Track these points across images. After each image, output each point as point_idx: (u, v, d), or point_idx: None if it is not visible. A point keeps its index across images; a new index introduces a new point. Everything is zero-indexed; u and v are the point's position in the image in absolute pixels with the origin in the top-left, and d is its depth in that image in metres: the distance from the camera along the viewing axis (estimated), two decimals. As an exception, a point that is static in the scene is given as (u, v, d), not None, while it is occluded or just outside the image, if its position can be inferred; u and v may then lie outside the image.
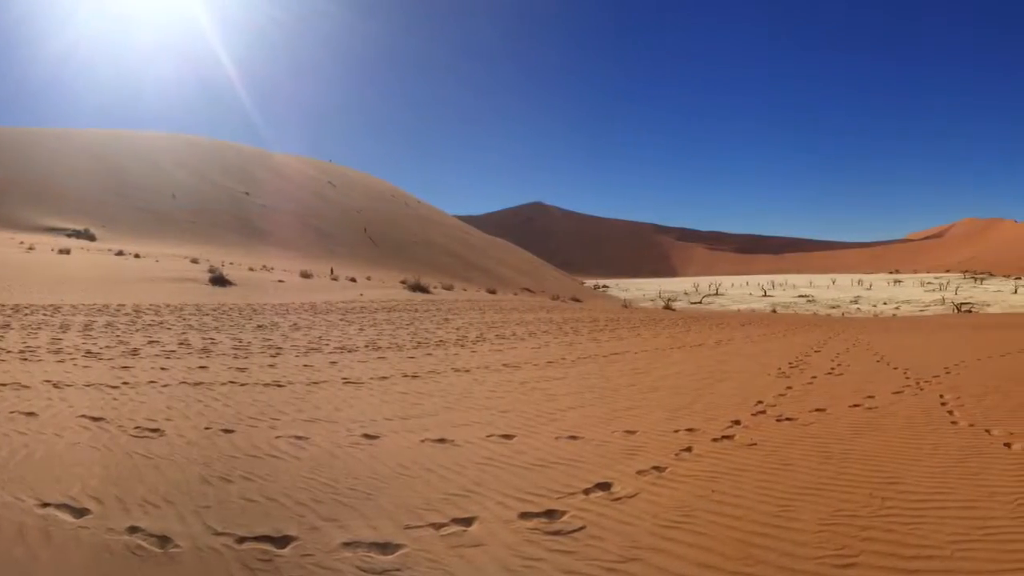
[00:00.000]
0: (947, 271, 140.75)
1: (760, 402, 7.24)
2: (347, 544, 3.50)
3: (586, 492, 4.28)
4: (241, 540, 3.52)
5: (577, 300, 42.48)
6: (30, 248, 31.16)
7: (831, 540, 3.54)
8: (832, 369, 9.97)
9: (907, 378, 8.86)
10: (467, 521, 3.81)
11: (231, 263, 33.94)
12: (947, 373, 9.25)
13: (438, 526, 3.73)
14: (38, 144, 67.04)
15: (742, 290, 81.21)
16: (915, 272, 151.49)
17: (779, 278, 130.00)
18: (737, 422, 6.26)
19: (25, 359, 8.64)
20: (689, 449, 5.31)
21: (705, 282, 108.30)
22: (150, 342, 10.73)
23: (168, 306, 16.37)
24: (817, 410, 6.78)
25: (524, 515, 3.90)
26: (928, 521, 3.77)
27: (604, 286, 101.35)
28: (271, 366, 9.17)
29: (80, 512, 3.79)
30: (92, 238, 43.61)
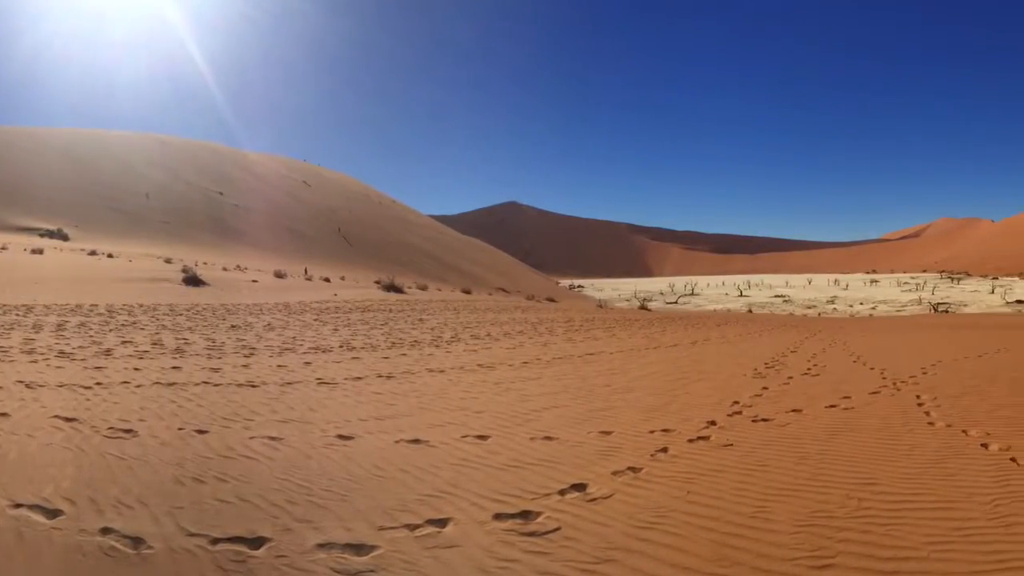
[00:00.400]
0: (924, 271, 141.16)
1: (736, 403, 7.25)
2: (321, 545, 3.50)
3: (561, 493, 4.28)
4: (215, 541, 3.51)
5: (552, 300, 42.63)
6: (2, 248, 30.74)
7: (807, 541, 3.54)
8: (808, 369, 10.00)
9: (884, 378, 8.88)
10: (442, 522, 3.80)
11: (205, 263, 33.71)
12: (924, 373, 9.28)
13: (412, 527, 3.73)
14: (10, 143, 66.17)
15: (718, 290, 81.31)
16: (892, 272, 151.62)
17: (755, 278, 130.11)
18: (713, 423, 6.26)
19: (-3, 359, 8.55)
20: (665, 450, 5.31)
21: (681, 282, 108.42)
22: (123, 342, 10.67)
23: (141, 306, 16.32)
24: (793, 411, 6.79)
25: (499, 516, 3.90)
26: (905, 522, 3.77)
27: (579, 286, 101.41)
28: (245, 366, 9.13)
29: (53, 513, 3.77)
30: (65, 238, 43.16)
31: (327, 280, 33.08)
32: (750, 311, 45.62)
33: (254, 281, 27.63)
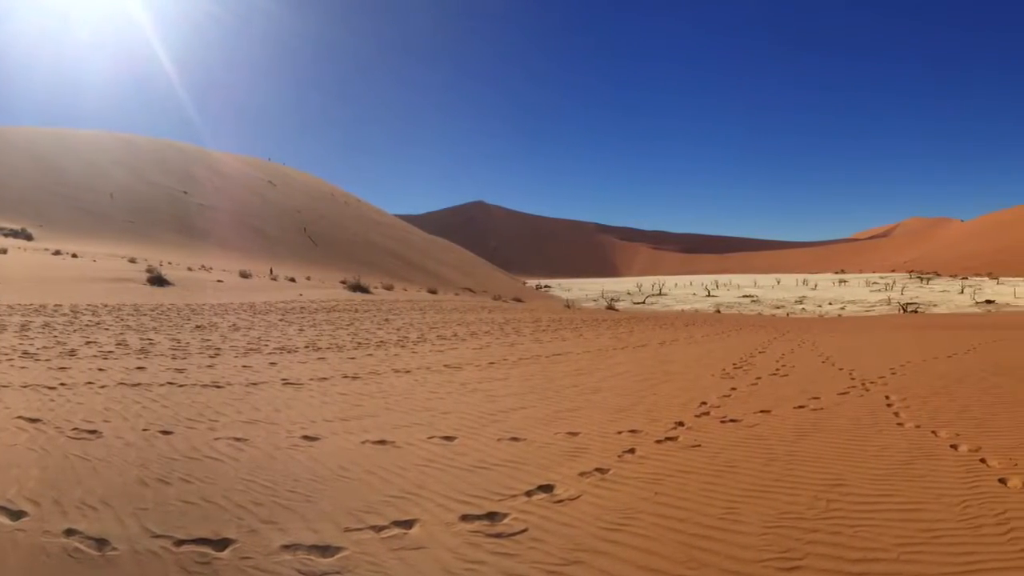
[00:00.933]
0: (893, 271, 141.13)
1: (704, 403, 7.25)
2: (286, 547, 3.48)
3: (528, 494, 4.28)
4: (179, 543, 3.50)
5: (519, 300, 42.55)
6: (-35, 248, 30.32)
7: (776, 543, 3.54)
8: (777, 370, 10.01)
9: (853, 379, 8.89)
10: (408, 523, 3.80)
11: (169, 263, 33.43)
12: (893, 374, 9.28)
13: (378, 528, 3.72)
14: (-26, 143, 65.25)
15: (686, 290, 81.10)
16: (861, 272, 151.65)
17: (723, 278, 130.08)
18: (681, 423, 6.26)
19: (-41, 361, 8.44)
20: (632, 451, 5.31)
21: (648, 282, 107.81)
22: (88, 343, 10.60)
23: (106, 306, 16.24)
24: (762, 411, 6.78)
25: (465, 517, 3.90)
26: (874, 524, 3.77)
27: (546, 286, 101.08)
28: (210, 367, 9.10)
29: (17, 514, 3.74)
30: (29, 237, 42.54)
31: (292, 280, 32.97)
32: (718, 311, 45.50)
33: (219, 281, 27.51)
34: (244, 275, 31.79)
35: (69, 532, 3.56)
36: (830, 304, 54.87)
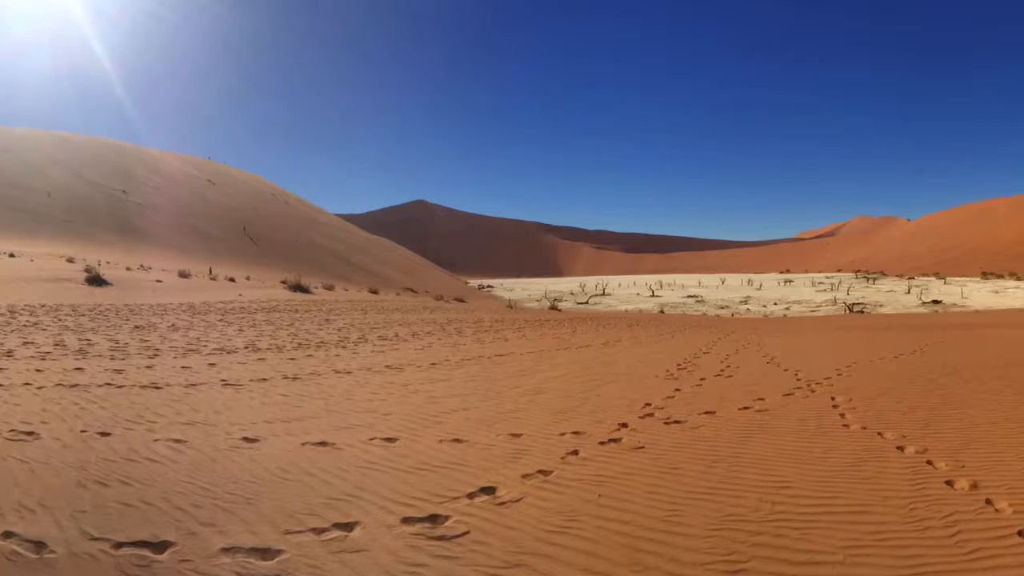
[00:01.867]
0: (839, 271, 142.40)
1: (648, 404, 7.28)
2: (226, 549, 3.47)
3: (470, 496, 4.29)
4: (118, 545, 3.47)
5: (461, 300, 42.58)
6: None
7: (720, 545, 3.56)
8: (722, 371, 10.09)
9: (798, 380, 8.94)
10: (349, 526, 3.80)
11: (108, 263, 32.81)
12: (839, 375, 9.35)
13: (319, 531, 3.72)
14: (-95, 141, 63.44)
15: (630, 290, 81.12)
16: (806, 272, 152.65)
17: (667, 278, 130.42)
18: (625, 425, 6.28)
19: None
20: (575, 452, 5.32)
21: (592, 282, 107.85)
22: (25, 343, 10.46)
23: (43, 306, 15.97)
24: (706, 412, 6.81)
25: (407, 520, 3.90)
26: (820, 526, 3.80)
27: (489, 286, 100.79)
28: (149, 368, 9.03)
29: (-49, 519, 3.67)
30: (-38, 237, 41.46)
31: (232, 280, 32.55)
32: (662, 311, 45.82)
33: (158, 281, 27.12)
34: (183, 275, 31.37)
35: (6, 535, 3.52)
36: (775, 304, 55.36)
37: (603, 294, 72.41)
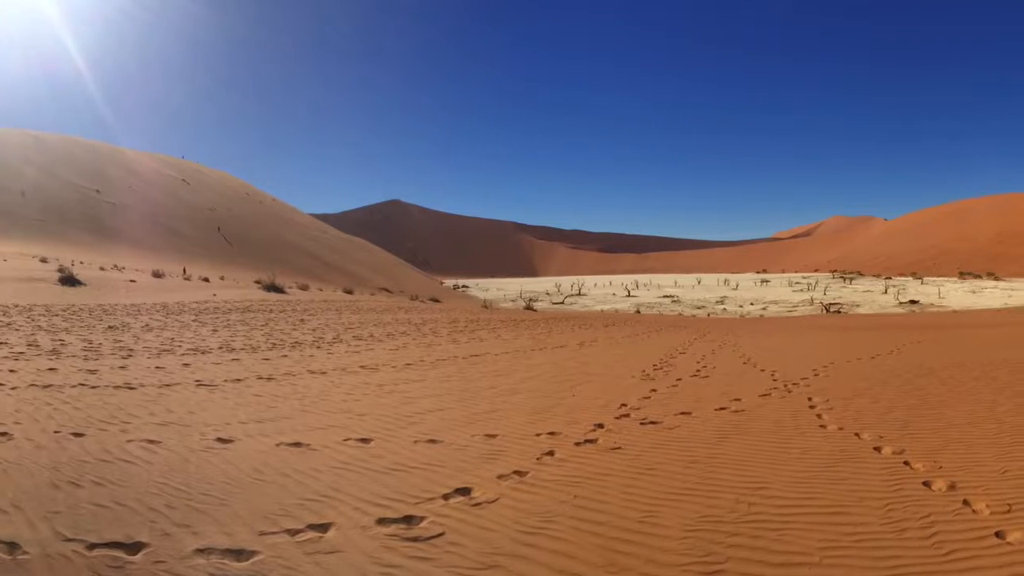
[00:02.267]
0: (816, 270, 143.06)
1: (624, 405, 7.29)
2: (200, 551, 3.46)
3: (445, 497, 4.29)
4: (91, 546, 3.45)
5: (436, 300, 42.61)
6: None
7: (696, 546, 3.56)
8: (698, 371, 10.12)
9: (775, 380, 8.97)
10: (323, 527, 3.79)
11: (82, 263, 32.59)
12: (815, 375, 9.38)
13: (294, 532, 3.71)
14: None
15: (605, 290, 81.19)
16: (783, 272, 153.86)
17: (643, 278, 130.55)
18: (600, 425, 6.28)
19: None
20: (551, 453, 5.32)
21: (567, 282, 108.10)
22: (-3, 343, 10.31)
23: (16, 306, 15.90)
24: (682, 413, 6.81)
25: (382, 521, 3.90)
26: (796, 527, 3.80)
27: (464, 286, 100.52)
28: (122, 368, 8.98)
29: (-78, 520, 3.65)
30: (-66, 236, 41.04)
31: (206, 280, 32.43)
32: (638, 311, 45.91)
33: (132, 281, 27.03)
34: (157, 275, 31.27)
35: (-22, 537, 3.50)
36: (752, 304, 55.51)
37: (579, 294, 72.39)
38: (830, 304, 50.68)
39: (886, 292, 66.55)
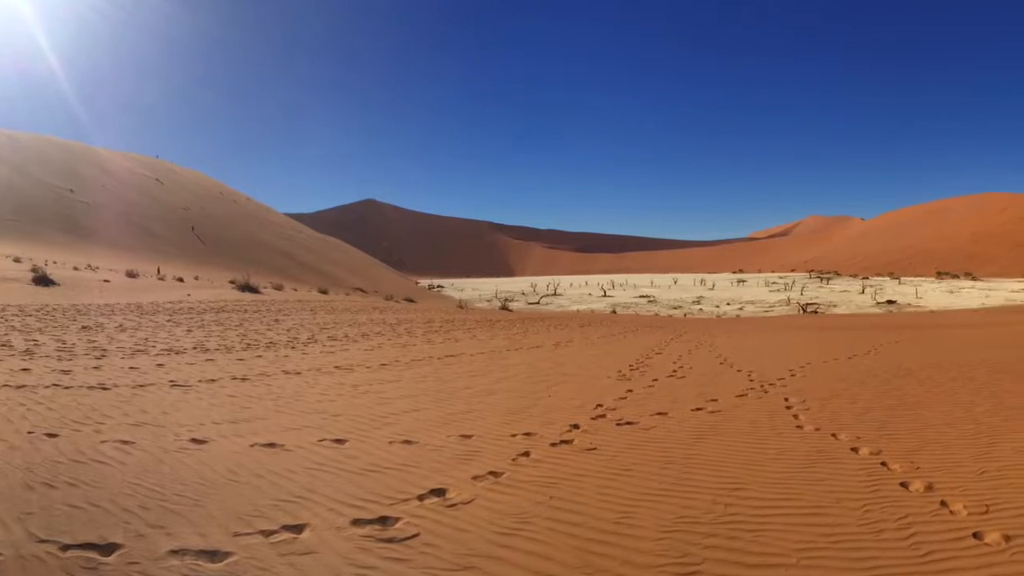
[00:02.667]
0: (793, 270, 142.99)
1: (600, 405, 7.30)
2: (174, 552, 3.46)
3: (420, 498, 4.29)
4: (65, 548, 3.45)
5: (411, 300, 42.55)
6: None
7: (673, 547, 3.57)
8: (674, 372, 10.14)
9: (751, 381, 9.02)
10: (298, 528, 3.79)
11: (55, 262, 32.31)
12: (792, 376, 9.44)
13: (268, 533, 3.71)
14: None
15: (581, 290, 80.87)
16: (760, 271, 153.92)
17: (620, 278, 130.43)
18: (576, 426, 6.29)
19: None
20: (527, 454, 5.33)
21: (543, 282, 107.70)
22: (-32, 344, 10.25)
23: (-11, 306, 15.65)
24: (658, 414, 6.83)
25: (357, 522, 3.90)
26: (773, 528, 3.82)
27: (439, 286, 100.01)
28: (96, 368, 8.95)
29: None
30: (-95, 235, 40.56)
31: (180, 280, 32.24)
32: (614, 312, 45.80)
33: (106, 281, 26.83)
34: (131, 275, 31.06)
35: (-49, 539, 3.49)
36: (728, 304, 55.45)
37: (555, 294, 72.13)
38: (807, 304, 50.70)
39: (863, 292, 66.62)
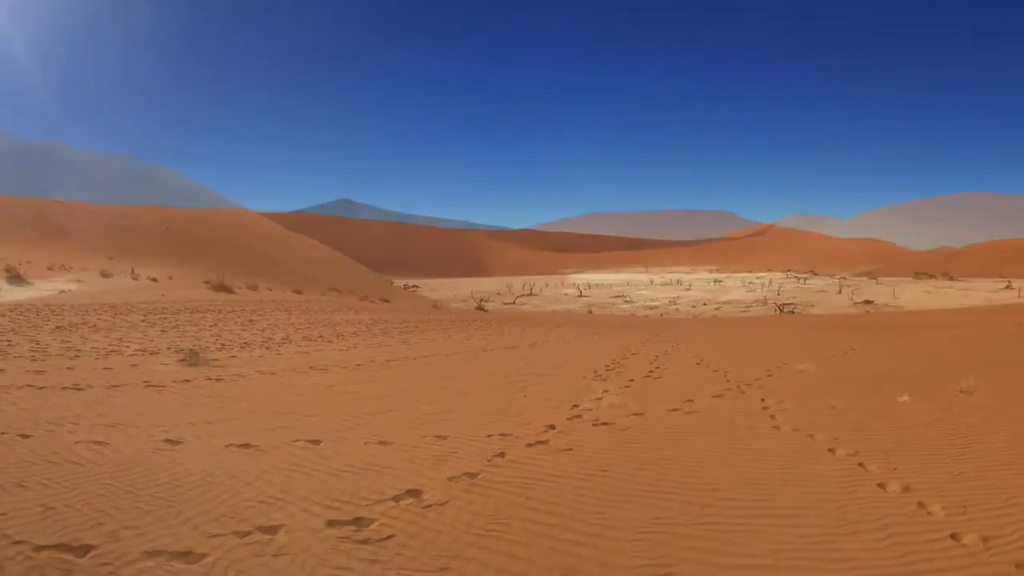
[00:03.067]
0: (770, 270, 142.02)
1: (576, 406, 7.29)
2: (149, 553, 3.45)
3: (396, 499, 4.29)
4: (39, 549, 3.44)
5: (386, 300, 42.34)
6: None
7: (649, 549, 3.59)
8: (650, 372, 10.19)
9: (728, 381, 9.05)
10: (273, 529, 3.79)
11: (29, 262, 32.05)
12: (769, 376, 9.48)
13: (243, 534, 3.71)
14: None
15: (557, 290, 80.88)
16: (736, 271, 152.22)
17: (595, 277, 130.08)
18: (552, 427, 6.29)
19: None
20: (502, 455, 5.33)
21: (519, 282, 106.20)
22: (-58, 345, 10.16)
23: (-38, 307, 15.55)
24: (635, 414, 6.83)
25: (332, 523, 3.90)
26: (750, 529, 3.82)
27: (414, 286, 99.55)
28: (70, 369, 8.92)
29: None
30: None
31: (155, 280, 32.05)
32: (590, 312, 45.81)
33: (79, 281, 26.73)
34: (105, 275, 30.95)
35: (-77, 540, 3.46)
36: (705, 304, 55.58)
37: (530, 294, 72.11)
38: (784, 304, 50.76)
39: (840, 292, 66.91)
